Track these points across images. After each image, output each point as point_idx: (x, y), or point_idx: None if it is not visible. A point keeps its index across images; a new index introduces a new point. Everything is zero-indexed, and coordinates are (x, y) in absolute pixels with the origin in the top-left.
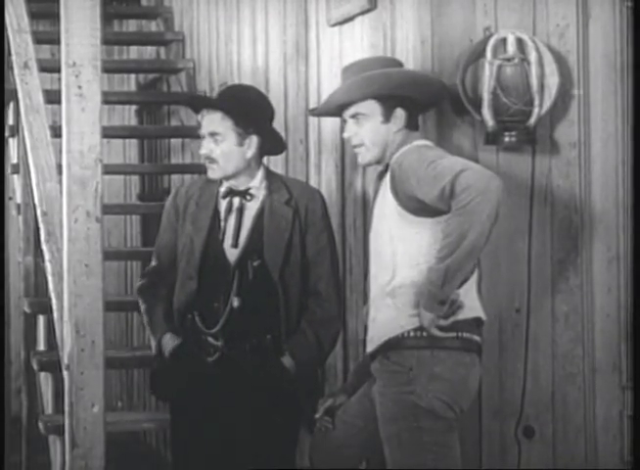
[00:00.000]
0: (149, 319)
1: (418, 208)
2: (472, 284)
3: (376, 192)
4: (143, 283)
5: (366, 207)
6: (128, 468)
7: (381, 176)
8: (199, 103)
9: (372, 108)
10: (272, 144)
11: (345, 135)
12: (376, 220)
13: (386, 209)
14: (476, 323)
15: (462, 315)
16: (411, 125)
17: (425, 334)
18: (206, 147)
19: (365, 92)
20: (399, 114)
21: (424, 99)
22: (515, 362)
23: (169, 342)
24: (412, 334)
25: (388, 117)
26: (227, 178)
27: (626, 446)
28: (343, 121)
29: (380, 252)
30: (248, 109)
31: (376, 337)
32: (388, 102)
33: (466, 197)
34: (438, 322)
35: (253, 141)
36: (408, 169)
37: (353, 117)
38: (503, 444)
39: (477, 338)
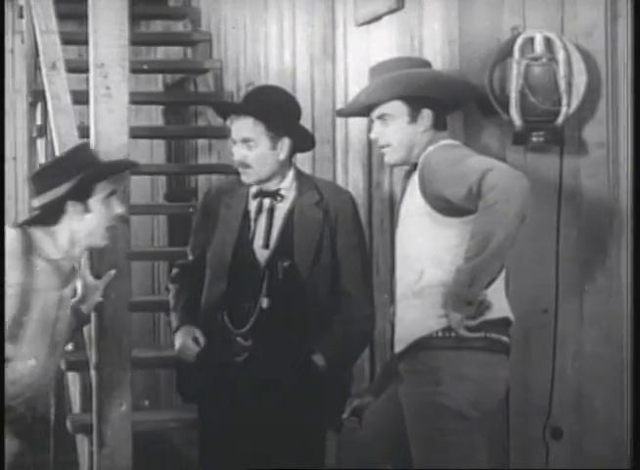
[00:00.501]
0: (173, 305)
1: (446, 207)
2: (499, 284)
3: (403, 191)
4: (176, 272)
5: (393, 207)
6: (153, 467)
7: (408, 175)
8: (230, 109)
9: (398, 108)
10: (302, 142)
11: (372, 136)
12: (403, 219)
13: (413, 208)
14: (503, 323)
15: (490, 315)
16: (438, 125)
17: (453, 334)
18: (240, 153)
19: (390, 93)
20: (426, 114)
21: (449, 99)
22: (542, 363)
23: (185, 332)
24: (440, 334)
25: (414, 117)
26: (261, 182)
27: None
28: (371, 121)
29: (407, 251)
30: (279, 112)
31: (403, 337)
32: (415, 102)
33: (492, 197)
34: (467, 323)
35: (286, 143)
36: (435, 169)
37: (380, 117)
38: (530, 444)
39: (504, 338)
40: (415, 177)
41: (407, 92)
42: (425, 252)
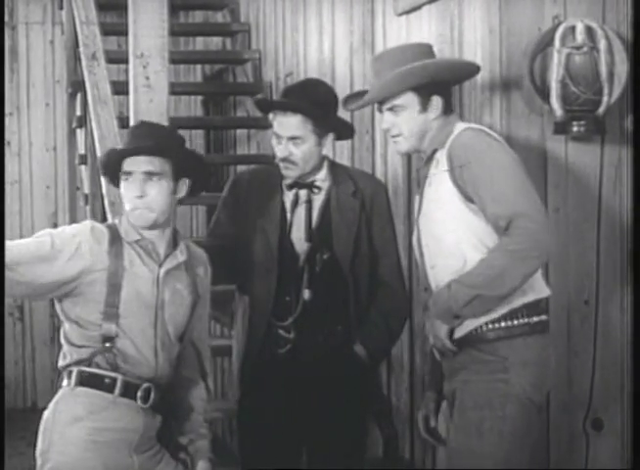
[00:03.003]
0: None
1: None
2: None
3: (424, 177)
4: None
5: None
6: None
7: (428, 161)
8: (278, 107)
9: (409, 99)
10: (343, 133)
11: (384, 127)
12: (428, 205)
13: (443, 195)
14: (540, 303)
15: (528, 298)
16: (447, 110)
17: (503, 324)
18: (286, 149)
19: (403, 87)
20: (436, 101)
21: (455, 81)
22: (583, 354)
23: None
24: (490, 326)
25: (425, 105)
26: (303, 176)
27: None
28: (379, 112)
29: (441, 239)
30: (325, 108)
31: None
32: (424, 91)
33: (521, 242)
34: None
35: (329, 138)
36: (470, 166)
37: (390, 109)
38: (571, 436)
39: (544, 317)
40: (438, 163)
41: (419, 82)
42: (463, 237)
